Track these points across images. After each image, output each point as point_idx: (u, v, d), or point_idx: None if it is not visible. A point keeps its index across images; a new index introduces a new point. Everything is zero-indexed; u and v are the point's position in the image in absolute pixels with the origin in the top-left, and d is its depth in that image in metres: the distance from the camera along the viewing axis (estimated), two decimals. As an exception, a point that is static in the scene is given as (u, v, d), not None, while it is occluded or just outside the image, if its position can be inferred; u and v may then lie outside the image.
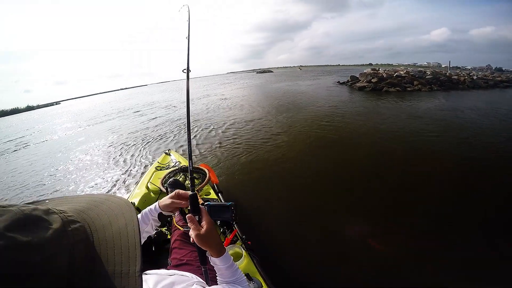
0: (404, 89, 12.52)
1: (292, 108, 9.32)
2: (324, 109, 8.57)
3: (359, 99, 10.93)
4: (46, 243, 0.31)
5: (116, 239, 0.39)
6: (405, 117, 7.10)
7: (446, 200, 2.95)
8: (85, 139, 8.41)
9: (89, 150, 6.75)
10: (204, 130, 7.01)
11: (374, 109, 8.54)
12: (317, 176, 3.77)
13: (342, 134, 5.73)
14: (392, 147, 4.77)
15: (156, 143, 6.40)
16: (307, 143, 5.29)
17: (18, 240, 0.28)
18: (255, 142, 5.59)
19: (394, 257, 2.26)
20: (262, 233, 2.52)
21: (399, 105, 9.17)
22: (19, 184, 4.91)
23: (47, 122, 18.19)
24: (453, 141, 4.91)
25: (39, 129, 14.54)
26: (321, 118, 7.24)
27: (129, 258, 0.38)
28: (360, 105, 9.39)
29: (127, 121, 11.06)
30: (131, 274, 0.36)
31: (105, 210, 0.42)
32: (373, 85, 13.44)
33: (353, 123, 6.61)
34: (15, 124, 23.91)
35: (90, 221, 0.39)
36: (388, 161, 4.13)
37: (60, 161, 6.14)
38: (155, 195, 2.24)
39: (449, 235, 2.44)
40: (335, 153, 4.69)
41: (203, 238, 0.75)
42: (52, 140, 9.78)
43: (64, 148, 7.56)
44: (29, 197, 4.24)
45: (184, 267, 1.13)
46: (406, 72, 14.24)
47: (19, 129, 17.13)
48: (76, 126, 12.64)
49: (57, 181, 4.82)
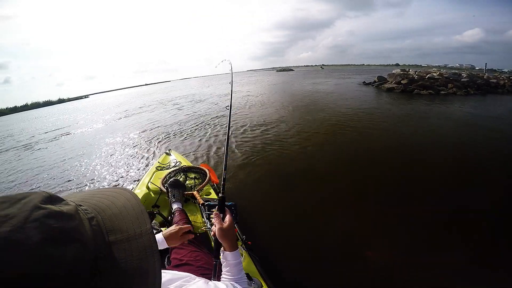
0: (438, 92, 11.68)
1: (312, 110, 8.84)
2: (347, 112, 7.99)
3: (388, 101, 10.30)
4: (72, 212, 0.34)
5: (122, 211, 0.42)
6: (453, 125, 6.26)
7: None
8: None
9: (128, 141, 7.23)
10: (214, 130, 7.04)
11: (410, 114, 7.67)
12: (322, 180, 3.70)
13: (369, 143, 5.15)
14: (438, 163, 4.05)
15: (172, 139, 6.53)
16: (320, 145, 5.15)
17: (53, 209, 0.32)
18: (264, 143, 5.54)
19: (395, 259, 2.24)
20: (262, 234, 2.53)
21: (440, 109, 8.37)
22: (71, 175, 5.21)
23: (88, 113, 19.56)
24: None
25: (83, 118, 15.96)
26: (343, 122, 6.72)
27: (139, 223, 0.42)
28: (391, 108, 8.72)
29: (165, 114, 11.49)
30: (143, 233, 0.40)
31: (101, 196, 0.44)
32: (403, 87, 12.72)
33: (383, 129, 6.05)
34: (56, 113, 26.38)
35: (93, 205, 0.41)
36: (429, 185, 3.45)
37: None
38: (155, 195, 2.24)
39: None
40: (351, 159, 4.42)
41: (224, 232, 0.87)
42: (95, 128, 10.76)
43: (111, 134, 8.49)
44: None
45: (184, 267, 1.16)
46: (439, 74, 13.34)
47: (62, 118, 18.76)
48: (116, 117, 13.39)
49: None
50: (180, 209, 1.93)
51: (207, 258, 1.30)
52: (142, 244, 0.39)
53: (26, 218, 0.30)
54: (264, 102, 11.59)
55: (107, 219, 0.40)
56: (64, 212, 0.33)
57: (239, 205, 1.07)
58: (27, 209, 0.31)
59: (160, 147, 6.10)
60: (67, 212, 0.33)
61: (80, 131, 10.70)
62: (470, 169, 3.79)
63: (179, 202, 1.99)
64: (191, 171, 2.49)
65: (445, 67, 42.74)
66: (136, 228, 0.41)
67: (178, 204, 1.97)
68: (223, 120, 8.18)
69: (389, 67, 56.16)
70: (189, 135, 6.79)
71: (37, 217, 0.30)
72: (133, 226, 0.41)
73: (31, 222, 0.29)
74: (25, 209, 0.30)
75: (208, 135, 6.50)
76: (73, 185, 4.54)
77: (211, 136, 6.41)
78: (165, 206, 2.18)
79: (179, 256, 1.28)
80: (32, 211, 0.30)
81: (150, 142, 6.74)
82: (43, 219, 0.30)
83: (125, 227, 0.40)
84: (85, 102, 50.18)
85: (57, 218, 0.32)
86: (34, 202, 0.32)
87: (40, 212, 0.31)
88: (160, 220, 1.98)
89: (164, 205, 2.19)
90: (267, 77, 37.69)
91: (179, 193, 2.05)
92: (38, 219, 0.30)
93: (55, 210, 0.32)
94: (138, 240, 0.39)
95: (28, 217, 0.30)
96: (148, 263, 0.39)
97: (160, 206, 2.17)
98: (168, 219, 1.95)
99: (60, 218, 0.32)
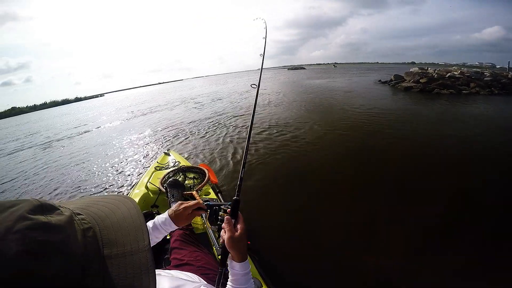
0: (459, 91, 11.13)
1: (327, 110, 8.44)
2: (365, 112, 7.55)
3: (409, 101, 9.77)
4: (63, 224, 0.33)
5: (121, 223, 0.41)
6: (496, 127, 5.69)
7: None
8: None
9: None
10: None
11: (439, 116, 7.02)
12: (325, 181, 3.63)
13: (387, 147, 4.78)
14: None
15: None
16: (329, 146, 4.99)
17: (40, 220, 0.31)
18: (268, 141, 5.46)
19: (396, 261, 2.20)
20: (262, 234, 2.52)
21: (469, 110, 7.74)
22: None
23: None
24: None
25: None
26: (360, 123, 6.34)
27: (137, 237, 0.40)
28: (412, 108, 8.21)
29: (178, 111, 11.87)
30: (140, 250, 0.39)
31: (103, 204, 0.43)
32: (422, 86, 12.16)
33: (413, 133, 5.54)
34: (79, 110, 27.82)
35: (93, 214, 0.40)
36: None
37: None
38: (154, 195, 2.24)
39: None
40: (362, 161, 4.19)
41: (234, 241, 0.79)
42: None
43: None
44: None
45: (185, 267, 1.14)
46: (460, 72, 12.72)
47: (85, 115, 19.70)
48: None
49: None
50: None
51: (207, 258, 1.30)
52: (138, 261, 0.38)
53: (8, 229, 0.29)
54: (278, 101, 11.18)
55: (105, 230, 0.38)
56: (51, 224, 0.32)
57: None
58: (12, 219, 0.29)
59: (175, 146, 6.04)
60: (55, 224, 0.32)
61: (99, 129, 11.10)
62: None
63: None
64: (190, 171, 2.49)
65: (464, 65, 40.97)
66: (134, 243, 0.39)
67: None
68: (235, 119, 8.09)
69: (405, 65, 54.52)
70: (201, 136, 6.69)
71: (20, 229, 0.29)
72: (131, 240, 0.39)
73: (12, 233, 0.28)
74: (10, 219, 0.29)
75: (224, 135, 6.39)
76: (90, 185, 4.59)
77: (226, 136, 6.31)
78: (164, 206, 2.17)
79: (180, 256, 1.26)
80: (16, 222, 0.29)
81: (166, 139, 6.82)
82: (26, 231, 0.29)
83: (122, 240, 0.39)
84: (102, 100, 52.20)
85: (42, 230, 0.30)
86: (21, 211, 0.31)
87: (25, 223, 0.29)
88: None
89: (163, 205, 2.19)
90: (279, 76, 37.47)
91: (178, 193, 2.04)
92: (20, 231, 0.29)
93: (41, 222, 0.31)
94: (134, 256, 0.38)
95: (11, 228, 0.29)
96: (142, 282, 0.37)
97: (159, 206, 2.18)
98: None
99: (46, 230, 0.31)
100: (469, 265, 2.09)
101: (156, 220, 0.97)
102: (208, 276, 1.07)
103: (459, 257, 2.19)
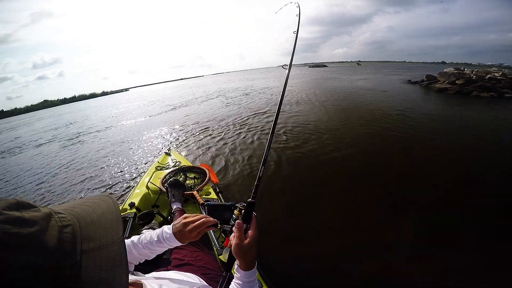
0: (501, 94, 10.14)
1: (353, 112, 7.61)
2: (395, 116, 6.75)
3: (450, 105, 8.79)
4: (36, 219, 0.35)
5: (99, 220, 0.43)
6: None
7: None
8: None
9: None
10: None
11: (486, 121, 6.08)
12: (331, 187, 3.47)
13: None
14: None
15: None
16: (338, 149, 4.74)
17: (12, 215, 0.33)
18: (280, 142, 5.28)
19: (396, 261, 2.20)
20: (262, 234, 2.16)
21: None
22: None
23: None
24: None
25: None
26: (392, 128, 5.70)
27: (113, 231, 0.43)
28: (459, 113, 7.16)
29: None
30: (115, 242, 0.42)
31: (87, 204, 0.46)
32: (458, 88, 11.24)
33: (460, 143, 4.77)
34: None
35: (75, 213, 0.42)
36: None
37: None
38: (155, 195, 2.25)
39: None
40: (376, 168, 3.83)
41: (242, 250, 0.73)
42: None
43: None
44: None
45: (185, 268, 1.14)
46: (502, 74, 11.72)
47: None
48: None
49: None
50: (180, 209, 1.91)
51: (208, 258, 1.30)
52: (111, 253, 0.40)
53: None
54: (302, 100, 10.65)
55: (84, 227, 0.40)
56: (24, 218, 0.34)
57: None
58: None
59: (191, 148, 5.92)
60: (29, 219, 0.34)
61: (128, 123, 11.48)
62: None
63: (178, 202, 1.97)
64: (191, 171, 2.50)
65: (500, 66, 38.11)
66: (109, 236, 0.42)
67: (178, 204, 1.95)
68: (253, 119, 7.84)
69: (434, 65, 51.93)
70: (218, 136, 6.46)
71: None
72: (107, 234, 0.42)
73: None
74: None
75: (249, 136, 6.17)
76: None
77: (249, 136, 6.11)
78: (164, 206, 2.17)
79: (180, 256, 1.26)
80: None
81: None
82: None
83: (99, 235, 0.41)
84: (130, 94, 55.20)
85: (14, 224, 0.32)
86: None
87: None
88: (159, 220, 1.97)
89: (163, 205, 2.19)
90: (301, 71, 36.96)
91: (179, 193, 2.03)
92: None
93: (15, 216, 0.33)
94: (108, 249, 0.40)
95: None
96: (114, 273, 0.39)
97: (160, 206, 2.18)
98: (168, 219, 1.94)
99: (18, 224, 0.32)
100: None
101: (161, 234, 0.90)
102: (209, 276, 1.07)
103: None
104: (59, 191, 4.60)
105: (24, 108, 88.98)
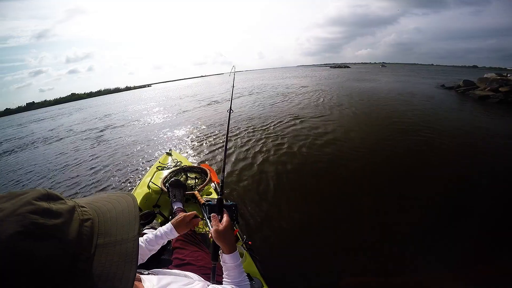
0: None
1: (380, 122, 6.60)
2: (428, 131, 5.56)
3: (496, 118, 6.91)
4: (62, 211, 0.37)
5: (119, 217, 0.46)
6: None
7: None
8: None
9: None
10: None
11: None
12: (332, 189, 3.49)
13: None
14: None
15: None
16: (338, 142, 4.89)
17: (40, 205, 0.35)
18: (271, 142, 5.35)
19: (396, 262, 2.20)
20: (262, 234, 2.55)
21: None
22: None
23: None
24: None
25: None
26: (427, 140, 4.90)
27: (129, 229, 0.45)
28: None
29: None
30: (130, 239, 0.43)
31: (108, 200, 0.49)
32: (503, 96, 9.75)
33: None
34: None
35: (96, 208, 0.45)
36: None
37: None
38: (156, 195, 2.26)
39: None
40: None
41: (220, 233, 0.88)
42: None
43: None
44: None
45: (186, 267, 1.17)
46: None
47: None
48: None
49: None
50: (181, 209, 1.94)
51: (208, 258, 1.31)
52: (124, 250, 0.42)
53: (12, 212, 0.33)
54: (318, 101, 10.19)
55: (103, 222, 0.43)
56: (52, 210, 0.36)
57: (240, 205, 0.95)
58: (19, 204, 0.34)
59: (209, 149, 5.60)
60: (55, 211, 0.36)
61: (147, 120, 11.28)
62: None
63: (180, 202, 2.00)
64: (192, 171, 2.51)
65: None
66: (124, 233, 0.44)
67: (179, 204, 1.99)
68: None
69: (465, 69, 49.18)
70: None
71: (22, 212, 0.33)
72: (122, 231, 0.44)
73: (15, 215, 0.32)
74: (17, 204, 0.34)
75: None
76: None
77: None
78: (166, 206, 2.19)
79: (181, 256, 1.29)
80: (21, 206, 0.34)
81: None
82: (28, 214, 0.33)
83: (116, 231, 0.43)
84: (150, 90, 53.73)
85: (42, 215, 0.34)
86: (28, 198, 0.35)
87: (28, 207, 0.34)
88: (161, 220, 2.00)
89: (164, 205, 2.21)
90: (320, 73, 35.74)
91: (180, 193, 2.06)
92: (22, 213, 0.33)
93: (44, 207, 0.35)
94: (122, 245, 0.42)
95: (15, 211, 0.33)
96: (123, 269, 0.40)
97: (161, 206, 2.20)
98: (169, 218, 1.97)
99: (46, 215, 0.35)
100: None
101: (160, 229, 1.14)
102: (209, 276, 1.08)
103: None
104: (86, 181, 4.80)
105: (53, 101, 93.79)
